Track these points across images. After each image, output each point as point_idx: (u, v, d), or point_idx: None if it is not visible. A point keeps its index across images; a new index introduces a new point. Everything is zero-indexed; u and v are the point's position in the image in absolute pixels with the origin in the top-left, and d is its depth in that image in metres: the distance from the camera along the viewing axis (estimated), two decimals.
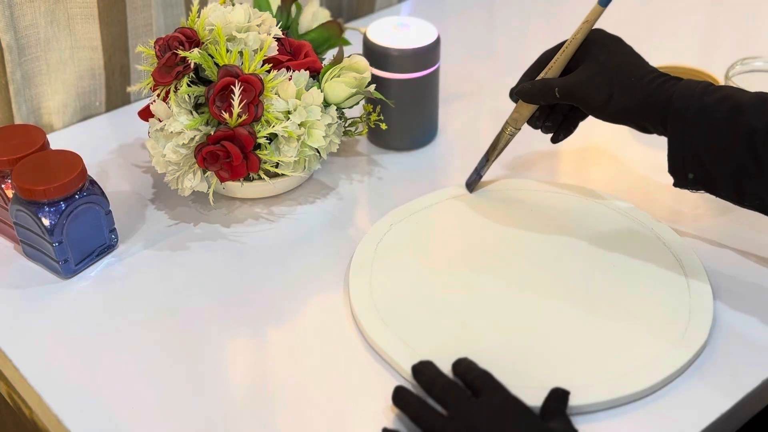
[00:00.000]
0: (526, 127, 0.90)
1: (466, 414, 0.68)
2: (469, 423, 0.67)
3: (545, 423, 0.68)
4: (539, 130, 0.90)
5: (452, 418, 0.68)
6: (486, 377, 0.71)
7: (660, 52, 1.20)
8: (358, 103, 0.93)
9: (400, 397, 0.71)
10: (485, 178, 0.95)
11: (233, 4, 0.92)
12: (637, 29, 1.27)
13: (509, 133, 0.90)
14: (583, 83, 0.82)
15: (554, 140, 0.91)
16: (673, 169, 0.80)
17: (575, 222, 0.90)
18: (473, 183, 0.94)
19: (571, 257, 0.86)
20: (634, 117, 0.81)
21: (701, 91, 0.77)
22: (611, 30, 0.85)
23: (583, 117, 0.89)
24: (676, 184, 0.81)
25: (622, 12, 1.31)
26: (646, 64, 0.83)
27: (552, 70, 0.86)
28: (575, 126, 0.90)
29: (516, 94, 0.88)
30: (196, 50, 0.87)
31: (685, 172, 0.79)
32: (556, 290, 0.82)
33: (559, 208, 0.92)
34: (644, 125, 0.81)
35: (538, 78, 0.87)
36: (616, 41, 0.84)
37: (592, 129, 1.08)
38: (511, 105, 0.90)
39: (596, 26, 0.84)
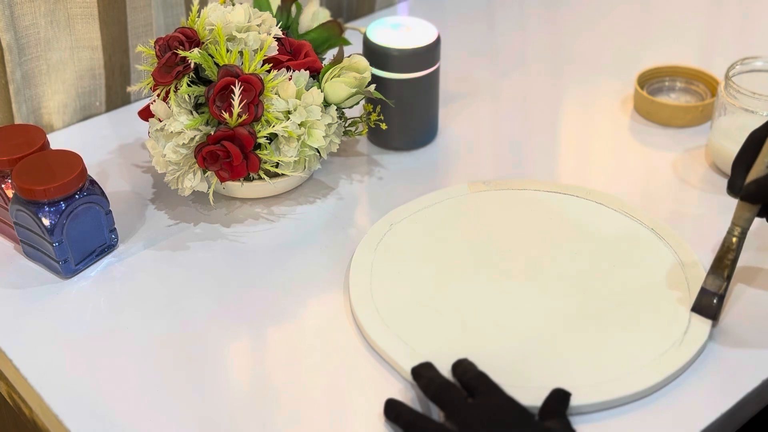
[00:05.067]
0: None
1: (461, 414, 0.68)
2: (464, 423, 0.67)
3: (542, 423, 0.68)
4: None
5: (448, 419, 0.68)
6: (482, 378, 0.71)
7: (660, 52, 1.20)
8: (358, 103, 0.93)
9: (391, 409, 0.71)
10: (490, 177, 0.95)
11: (233, 4, 0.92)
12: (637, 29, 1.27)
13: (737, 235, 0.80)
14: None
15: None
16: None
17: (575, 222, 0.90)
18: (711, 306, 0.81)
19: (571, 257, 0.86)
20: None
21: None
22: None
23: None
24: None
25: (622, 12, 1.31)
26: None
27: (757, 169, 0.78)
28: None
29: (743, 198, 0.78)
30: (196, 50, 0.87)
31: None
32: (556, 290, 0.82)
33: (559, 208, 0.92)
34: None
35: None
36: None
37: (591, 128, 1.08)
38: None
39: None
